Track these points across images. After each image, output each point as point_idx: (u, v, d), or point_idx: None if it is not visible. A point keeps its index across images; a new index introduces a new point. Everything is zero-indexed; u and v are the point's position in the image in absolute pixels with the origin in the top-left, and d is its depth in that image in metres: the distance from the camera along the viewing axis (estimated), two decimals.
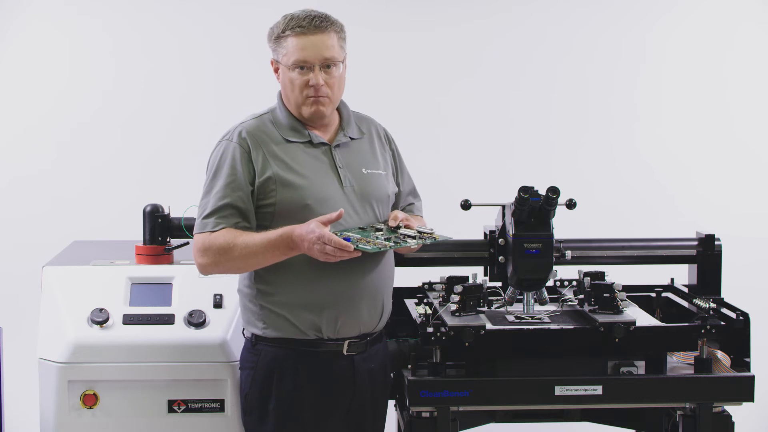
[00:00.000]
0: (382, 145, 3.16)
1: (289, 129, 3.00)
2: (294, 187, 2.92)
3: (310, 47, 2.92)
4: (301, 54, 2.92)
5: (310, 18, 2.94)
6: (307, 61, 2.93)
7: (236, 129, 2.99)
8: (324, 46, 2.94)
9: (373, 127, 3.17)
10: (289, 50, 2.94)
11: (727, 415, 3.08)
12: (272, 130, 2.99)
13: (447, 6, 5.08)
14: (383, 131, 3.20)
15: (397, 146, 3.22)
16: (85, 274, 3.37)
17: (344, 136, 3.06)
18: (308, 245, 2.80)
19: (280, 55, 2.97)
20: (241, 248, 2.86)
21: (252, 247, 2.86)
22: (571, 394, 3.01)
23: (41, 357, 3.24)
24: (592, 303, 3.15)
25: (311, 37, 2.93)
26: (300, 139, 3.00)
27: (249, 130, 2.97)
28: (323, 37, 2.94)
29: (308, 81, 2.94)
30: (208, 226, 2.91)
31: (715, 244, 3.45)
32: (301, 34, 2.93)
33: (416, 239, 2.92)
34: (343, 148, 3.04)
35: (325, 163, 3.00)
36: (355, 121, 3.12)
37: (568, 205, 3.13)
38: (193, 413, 3.25)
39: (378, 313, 3.05)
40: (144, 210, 3.51)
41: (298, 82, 2.95)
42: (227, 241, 2.87)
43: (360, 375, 3.02)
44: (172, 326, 3.26)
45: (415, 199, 3.26)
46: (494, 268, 3.20)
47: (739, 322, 3.12)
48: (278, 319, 2.96)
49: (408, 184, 3.24)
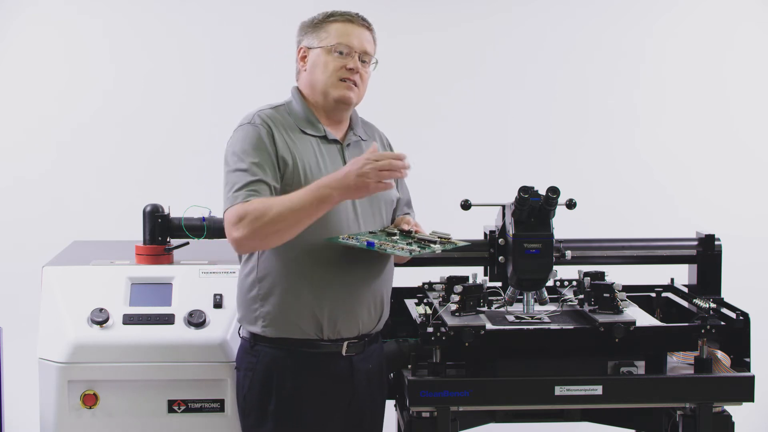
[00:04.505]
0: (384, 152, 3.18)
1: (305, 121, 3.03)
2: (307, 179, 2.92)
3: (356, 36, 3.02)
4: (345, 38, 3.01)
5: (356, 14, 3.07)
6: (351, 46, 3.00)
7: (254, 114, 3.00)
8: (366, 40, 3.05)
9: (377, 134, 3.21)
10: (331, 34, 3.01)
11: (727, 415, 3.08)
12: (288, 121, 3.02)
13: (447, 6, 5.08)
14: (386, 139, 3.25)
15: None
16: (85, 274, 3.37)
17: (354, 135, 3.10)
18: (357, 170, 2.76)
19: (318, 40, 3.02)
20: (278, 205, 2.79)
21: (288, 203, 2.80)
22: (571, 394, 3.01)
23: (41, 357, 3.24)
24: (592, 303, 3.15)
25: (357, 27, 3.04)
26: (315, 132, 3.02)
27: (268, 115, 3.00)
28: (367, 33, 3.06)
29: (345, 65, 2.99)
30: (239, 198, 2.86)
31: (715, 244, 3.45)
32: (347, 22, 3.03)
33: (438, 244, 2.93)
34: (353, 147, 3.07)
35: (337, 161, 3.02)
36: (361, 125, 3.16)
37: (568, 205, 3.13)
38: (193, 413, 3.25)
39: (378, 315, 3.06)
40: (144, 210, 3.51)
41: (335, 65, 3.00)
42: (262, 204, 2.81)
43: (358, 375, 3.02)
44: (172, 326, 3.26)
45: (410, 210, 3.27)
46: (494, 268, 3.20)
47: (739, 322, 3.12)
48: (278, 318, 2.95)
49: (405, 194, 3.26)
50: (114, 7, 4.96)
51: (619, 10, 5.12)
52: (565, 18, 5.11)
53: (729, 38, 5.11)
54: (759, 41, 5.12)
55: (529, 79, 5.10)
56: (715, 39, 5.11)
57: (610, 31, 5.11)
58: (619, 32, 5.11)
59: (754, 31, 5.13)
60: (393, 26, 5.05)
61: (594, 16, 5.11)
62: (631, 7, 5.11)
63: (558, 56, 5.11)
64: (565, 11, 5.11)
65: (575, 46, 5.11)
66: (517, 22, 5.11)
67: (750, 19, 5.13)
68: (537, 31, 5.10)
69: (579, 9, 5.11)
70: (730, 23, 5.11)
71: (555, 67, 5.10)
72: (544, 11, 5.10)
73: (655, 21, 5.12)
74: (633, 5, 5.11)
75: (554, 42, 5.10)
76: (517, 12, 5.11)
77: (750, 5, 5.14)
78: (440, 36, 5.07)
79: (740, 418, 3.14)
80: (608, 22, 5.11)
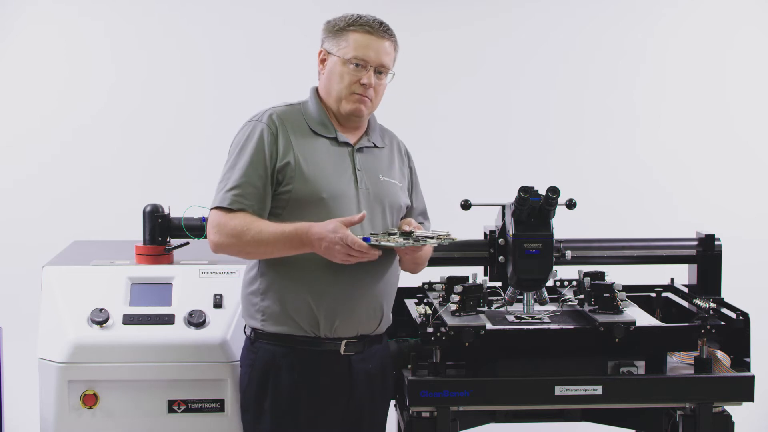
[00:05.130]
0: (401, 160, 3.20)
1: (317, 122, 3.04)
2: (311, 178, 2.95)
3: (374, 48, 3.00)
4: (362, 51, 2.99)
5: (378, 22, 3.04)
6: (366, 60, 2.99)
7: (267, 111, 3.02)
8: (384, 52, 3.02)
9: (396, 142, 3.22)
10: (350, 44, 2.99)
11: (727, 415, 3.08)
12: (301, 120, 3.03)
13: (447, 6, 5.08)
14: (404, 148, 3.24)
15: (415, 165, 3.25)
16: (85, 274, 3.37)
17: (368, 141, 3.10)
18: (327, 245, 2.82)
19: (337, 47, 3.01)
20: (254, 234, 2.88)
21: (265, 235, 2.88)
22: (571, 394, 3.01)
23: (41, 357, 3.24)
24: (592, 303, 3.15)
25: (376, 39, 3.01)
26: (326, 134, 3.03)
27: (279, 114, 3.01)
28: (386, 44, 3.03)
29: (359, 79, 2.99)
30: (225, 201, 2.93)
31: (715, 244, 3.45)
32: (367, 33, 3.00)
33: (434, 239, 2.94)
34: (365, 152, 3.08)
35: (345, 163, 3.02)
36: (379, 132, 3.16)
37: (568, 205, 3.13)
38: (193, 413, 3.25)
39: (377, 317, 3.05)
40: (144, 210, 3.51)
41: (350, 78, 3.00)
42: (242, 225, 2.89)
43: (357, 375, 3.02)
44: (172, 326, 3.26)
45: (425, 220, 3.27)
46: (494, 268, 3.20)
47: (739, 322, 3.12)
48: (277, 313, 2.97)
49: (420, 203, 3.26)
50: (114, 8, 4.96)
51: (619, 10, 5.12)
52: (565, 18, 5.11)
53: (729, 38, 5.11)
54: (759, 42, 5.12)
55: (529, 79, 5.10)
56: (715, 39, 5.11)
57: (610, 31, 5.12)
58: (619, 32, 5.11)
59: (754, 32, 5.13)
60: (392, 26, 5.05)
61: (594, 16, 5.11)
62: (631, 8, 5.11)
63: (558, 56, 5.11)
64: (565, 11, 5.11)
65: (575, 46, 5.11)
66: (517, 22, 5.11)
67: (750, 20, 5.13)
68: (537, 31, 5.10)
69: (579, 9, 5.11)
70: (730, 23, 5.11)
71: (555, 67, 5.10)
72: (543, 11, 5.10)
73: (655, 22, 5.12)
74: (633, 5, 5.11)
75: (554, 42, 5.10)
76: (517, 12, 5.11)
77: (750, 6, 5.14)
78: (440, 36, 5.07)
79: (740, 418, 3.14)
80: (608, 22, 5.11)
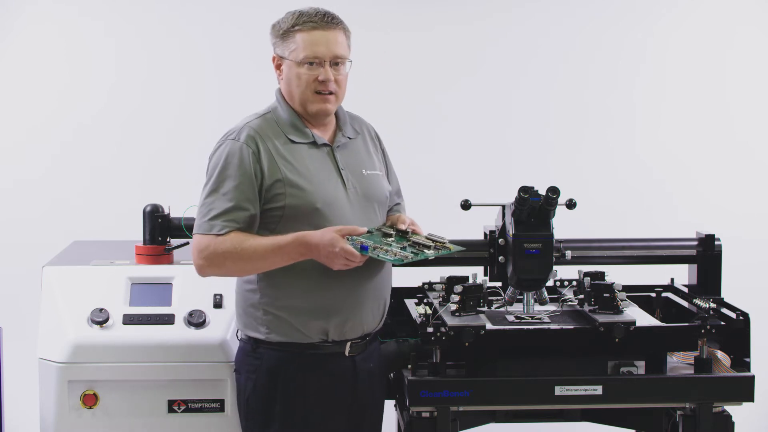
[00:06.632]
0: (374, 145, 3.17)
1: (291, 128, 2.98)
2: (303, 190, 2.90)
3: (323, 43, 2.92)
4: (312, 49, 2.92)
5: (321, 15, 2.94)
6: (318, 56, 2.92)
7: (242, 129, 2.95)
8: (335, 43, 2.94)
9: (365, 127, 3.17)
10: (299, 45, 2.92)
11: (727, 415, 3.08)
12: (277, 131, 2.96)
13: (446, 6, 5.08)
14: (373, 130, 3.20)
15: (385, 145, 3.22)
16: (85, 274, 3.37)
17: (343, 137, 3.05)
18: (327, 254, 2.80)
19: (287, 50, 2.95)
20: (250, 252, 2.84)
21: (260, 251, 2.84)
22: (571, 394, 3.01)
23: (41, 357, 3.24)
24: (592, 303, 3.15)
25: (323, 33, 2.92)
26: (303, 139, 2.98)
27: (256, 129, 2.94)
28: (334, 34, 2.94)
29: (317, 77, 2.92)
30: (214, 228, 2.86)
31: (715, 244, 3.45)
32: (312, 30, 2.92)
33: (432, 250, 2.92)
34: (342, 149, 3.04)
35: (329, 165, 2.99)
36: (349, 121, 3.11)
37: (568, 205, 3.13)
38: (193, 413, 3.25)
39: (380, 314, 3.06)
40: (144, 210, 3.51)
41: (307, 78, 2.93)
42: (234, 246, 2.84)
43: (361, 375, 3.02)
44: (172, 326, 3.26)
45: (400, 199, 3.26)
46: (494, 268, 3.20)
47: (739, 322, 3.11)
48: (283, 324, 2.93)
49: (395, 183, 3.23)
50: (114, 8, 4.96)
51: (619, 10, 5.11)
52: (565, 18, 5.10)
53: (729, 38, 5.11)
54: (759, 42, 5.12)
55: (529, 78, 5.10)
56: (714, 39, 5.11)
57: (610, 31, 5.11)
58: (619, 32, 5.11)
59: (754, 32, 5.12)
60: (392, 25, 5.06)
61: (594, 16, 5.11)
62: (631, 8, 5.11)
63: (558, 56, 5.10)
64: (565, 11, 5.10)
65: (575, 46, 5.11)
66: (516, 22, 5.10)
67: (750, 20, 5.12)
68: (537, 31, 5.10)
69: (579, 9, 5.11)
70: (729, 24, 5.11)
71: (555, 66, 5.10)
72: (543, 11, 5.10)
73: (655, 21, 5.12)
74: (633, 5, 5.11)
75: (554, 42, 5.10)
76: (517, 12, 5.10)
77: (750, 6, 5.14)
78: (440, 36, 5.07)
79: (740, 418, 3.14)
80: (608, 22, 5.11)
